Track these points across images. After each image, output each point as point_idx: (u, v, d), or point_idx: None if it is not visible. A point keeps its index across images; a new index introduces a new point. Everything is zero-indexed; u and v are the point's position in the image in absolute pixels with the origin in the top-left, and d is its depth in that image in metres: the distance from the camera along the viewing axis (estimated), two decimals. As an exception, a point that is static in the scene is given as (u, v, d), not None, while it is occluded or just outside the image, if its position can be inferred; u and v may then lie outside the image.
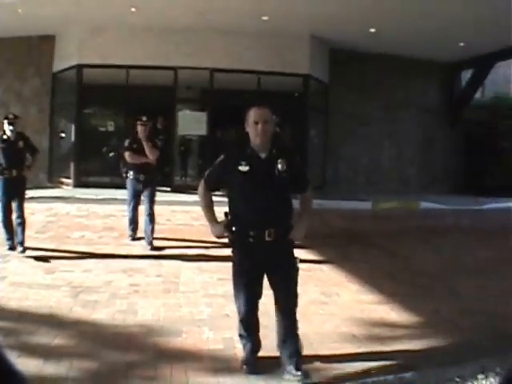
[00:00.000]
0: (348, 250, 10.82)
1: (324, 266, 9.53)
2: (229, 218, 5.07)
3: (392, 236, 12.49)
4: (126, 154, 10.69)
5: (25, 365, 4.85)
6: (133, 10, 15.42)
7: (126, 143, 10.82)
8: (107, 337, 5.87)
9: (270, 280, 5.14)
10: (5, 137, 9.57)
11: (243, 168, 4.93)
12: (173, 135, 19.02)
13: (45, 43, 19.43)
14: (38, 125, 18.86)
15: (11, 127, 9.56)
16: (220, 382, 4.84)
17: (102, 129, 20.91)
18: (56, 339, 5.64)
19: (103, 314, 6.58)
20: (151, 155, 10.63)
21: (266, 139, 4.94)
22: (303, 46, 18.16)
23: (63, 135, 20.56)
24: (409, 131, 21.23)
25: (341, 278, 8.71)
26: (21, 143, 9.69)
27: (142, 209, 10.87)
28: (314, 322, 6.51)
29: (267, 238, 4.86)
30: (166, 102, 18.89)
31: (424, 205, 17.61)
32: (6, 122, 9.57)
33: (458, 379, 4.77)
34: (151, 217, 10.58)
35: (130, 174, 10.78)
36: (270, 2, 14.39)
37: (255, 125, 4.89)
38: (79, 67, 18.07)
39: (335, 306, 7.27)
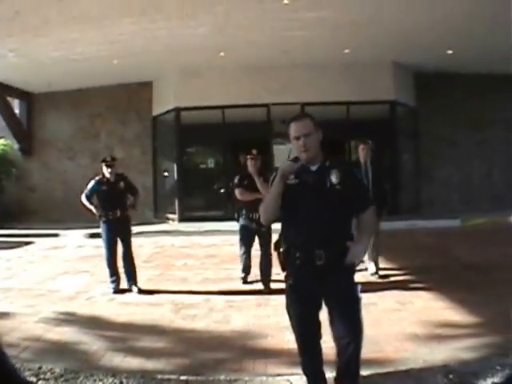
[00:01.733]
0: (429, 262, 11.20)
1: (403, 277, 10.07)
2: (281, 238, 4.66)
3: (474, 249, 12.60)
4: (237, 192, 9.77)
5: (129, 362, 5.86)
6: (221, 54, 16.45)
7: (236, 180, 9.88)
8: (202, 341, 6.70)
9: (328, 311, 4.57)
10: (104, 179, 9.76)
11: (291, 181, 4.49)
12: (270, 168, 19.83)
13: (143, 89, 20.87)
14: (142, 166, 20.26)
15: (110, 169, 9.71)
16: (293, 372, 5.38)
17: (203, 166, 22.13)
18: (157, 343, 6.59)
19: (200, 324, 7.44)
20: (264, 190, 8.98)
21: (311, 154, 4.47)
22: (386, 72, 18.78)
23: (166, 174, 21.73)
24: (498, 149, 21.16)
25: (417, 288, 9.10)
26: (121, 184, 9.83)
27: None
28: (383, 325, 7.13)
29: (318, 262, 4.35)
30: (262, 137, 19.71)
31: (513, 219, 17.44)
32: (103, 164, 9.77)
33: (498, 367, 5.16)
34: (268, 257, 9.48)
35: (243, 213, 9.85)
36: (349, 34, 14.99)
37: (297, 140, 4.47)
38: (177, 110, 19.26)
39: (406, 312, 7.80)
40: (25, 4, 11.93)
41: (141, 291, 9.34)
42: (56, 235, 17.45)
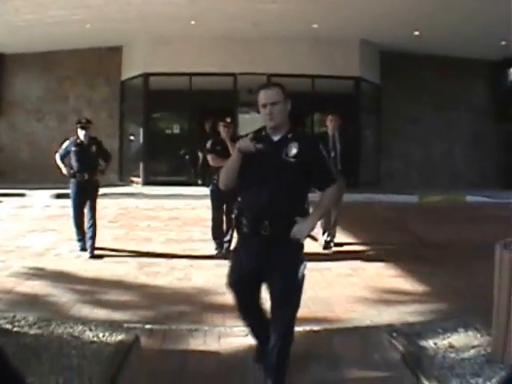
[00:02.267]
0: (384, 235, 11.65)
1: (358, 247, 10.61)
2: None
3: (429, 224, 13.10)
4: (210, 158, 9.68)
5: (97, 313, 6.35)
6: (192, 22, 16.77)
7: (209, 145, 9.78)
8: (165, 296, 7.22)
9: (268, 286, 4.44)
10: (78, 141, 9.75)
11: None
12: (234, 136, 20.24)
13: (113, 54, 21.15)
14: (109, 129, 20.54)
15: (84, 132, 9.73)
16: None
17: (168, 131, 22.51)
18: (123, 297, 7.07)
19: (163, 281, 7.94)
20: None
21: (276, 122, 4.32)
22: (354, 49, 19.25)
23: (132, 138, 22.15)
24: (459, 129, 21.84)
25: (371, 258, 9.60)
26: (94, 148, 9.84)
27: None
28: (336, 288, 7.73)
29: (263, 232, 4.24)
30: (228, 105, 20.12)
31: (470, 198, 18.13)
32: (78, 126, 9.79)
33: (440, 330, 5.63)
34: (231, 224, 9.40)
35: (214, 178, 9.33)
36: (319, 10, 15.41)
37: (264, 108, 4.32)
38: (146, 75, 19.59)
39: (358, 277, 8.37)
40: None
41: (93, 256, 9.40)
42: (23, 195, 17.69)
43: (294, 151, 4.26)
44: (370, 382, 4.95)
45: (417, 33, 17.33)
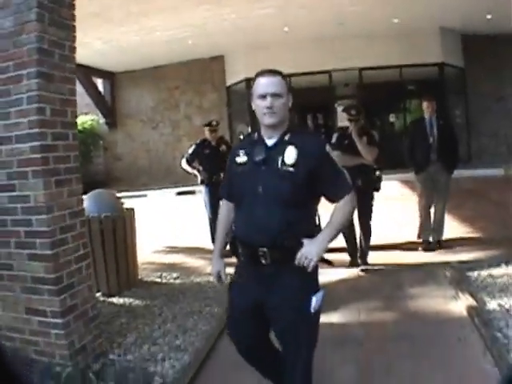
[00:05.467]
0: (463, 201, 12.66)
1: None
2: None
3: (503, 191, 13.54)
4: (336, 155, 7.50)
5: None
6: (286, 29, 18.43)
7: (334, 139, 8.51)
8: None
9: (273, 327, 3.69)
10: (207, 143, 9.94)
11: (240, 159, 3.66)
12: (333, 128, 21.70)
13: (215, 62, 23.03)
14: (220, 130, 22.22)
15: (213, 134, 9.98)
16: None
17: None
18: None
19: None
20: (368, 155, 8.15)
21: (276, 119, 3.50)
22: (435, 37, 20.22)
23: (241, 137, 23.93)
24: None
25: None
26: (224, 147, 9.88)
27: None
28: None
29: (262, 261, 3.43)
30: (325, 99, 21.75)
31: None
32: (208, 128, 10.03)
33: (486, 266, 7.46)
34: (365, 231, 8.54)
35: None
36: (397, 6, 16.64)
37: (262, 100, 3.51)
38: (247, 80, 21.35)
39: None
40: (111, 2, 13.98)
41: None
42: (145, 195, 19.25)
43: (292, 158, 3.45)
44: (422, 296, 6.81)
45: (489, 16, 18.24)
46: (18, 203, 4.80)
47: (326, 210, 3.65)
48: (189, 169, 10.05)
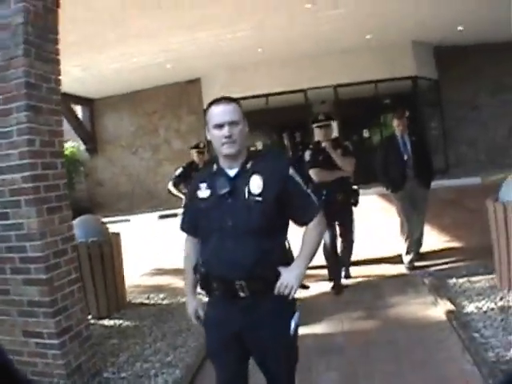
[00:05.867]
0: (441, 211, 12.79)
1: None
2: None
3: (480, 198, 14.38)
4: (312, 172, 7.92)
5: None
6: (259, 50, 18.74)
7: (307, 156, 8.11)
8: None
9: (252, 353, 3.55)
10: (194, 166, 10.03)
11: (202, 193, 3.49)
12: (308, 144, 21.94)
13: (192, 86, 23.23)
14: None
15: (201, 156, 10.08)
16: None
17: (253, 148, 24.31)
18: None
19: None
20: (347, 165, 7.92)
21: (236, 148, 3.38)
22: (407, 51, 20.59)
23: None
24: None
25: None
26: None
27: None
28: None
29: (240, 294, 3.32)
30: (301, 118, 22.02)
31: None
32: (195, 151, 10.15)
33: (464, 272, 7.79)
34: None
35: (323, 193, 7.64)
36: (369, 23, 16.94)
37: (219, 130, 3.38)
38: (225, 101, 21.64)
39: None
40: (89, 31, 14.16)
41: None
42: (127, 220, 19.38)
43: (258, 187, 3.33)
44: (402, 304, 7.15)
45: (461, 28, 18.49)
46: (11, 231, 5.01)
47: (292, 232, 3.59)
48: (175, 191, 10.08)
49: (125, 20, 13.63)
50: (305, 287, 3.56)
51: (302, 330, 3.60)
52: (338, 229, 8.26)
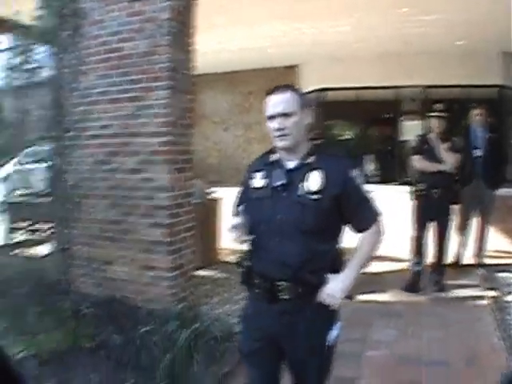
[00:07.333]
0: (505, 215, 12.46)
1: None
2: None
3: None
4: (414, 159, 8.00)
5: None
6: (355, 46, 19.58)
7: (414, 143, 8.30)
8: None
9: (287, 362, 3.35)
10: None
11: (257, 182, 3.32)
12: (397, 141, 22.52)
13: (288, 72, 24.02)
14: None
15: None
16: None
17: (341, 137, 25.14)
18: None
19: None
20: (449, 159, 7.73)
21: (288, 142, 3.18)
22: (495, 61, 21.01)
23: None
24: None
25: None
26: None
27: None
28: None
29: (280, 296, 3.14)
30: (391, 113, 22.73)
31: None
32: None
33: None
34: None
35: (420, 186, 7.84)
36: (460, 30, 17.49)
37: (270, 121, 3.22)
38: (321, 90, 22.39)
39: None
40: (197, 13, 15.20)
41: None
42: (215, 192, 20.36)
43: (317, 184, 3.13)
44: (456, 288, 8.31)
45: None
46: (146, 183, 6.33)
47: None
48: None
49: (235, 8, 14.66)
50: (350, 298, 3.30)
51: (367, 297, 4.62)
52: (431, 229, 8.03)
